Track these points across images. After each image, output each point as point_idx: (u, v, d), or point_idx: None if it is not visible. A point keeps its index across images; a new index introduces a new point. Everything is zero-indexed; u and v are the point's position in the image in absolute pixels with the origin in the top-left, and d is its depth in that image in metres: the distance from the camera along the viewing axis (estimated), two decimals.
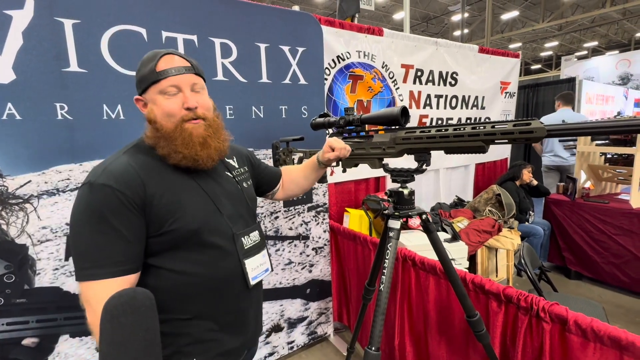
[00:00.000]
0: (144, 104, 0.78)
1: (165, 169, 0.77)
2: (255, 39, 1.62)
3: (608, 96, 6.25)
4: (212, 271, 0.78)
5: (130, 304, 0.43)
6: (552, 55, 17.37)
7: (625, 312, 2.35)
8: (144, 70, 0.76)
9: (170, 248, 0.74)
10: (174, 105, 0.75)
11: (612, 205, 2.59)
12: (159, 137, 0.76)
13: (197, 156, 0.77)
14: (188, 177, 0.79)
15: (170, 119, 0.75)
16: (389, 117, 0.90)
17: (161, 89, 0.75)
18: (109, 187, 0.68)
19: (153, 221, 0.72)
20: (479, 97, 3.15)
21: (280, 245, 1.84)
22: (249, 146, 1.67)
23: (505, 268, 2.41)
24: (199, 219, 0.76)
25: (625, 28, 13.17)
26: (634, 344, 0.86)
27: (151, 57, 0.77)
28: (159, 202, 0.72)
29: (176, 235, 0.73)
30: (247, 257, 0.83)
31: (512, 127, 0.72)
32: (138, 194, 0.70)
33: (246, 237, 0.85)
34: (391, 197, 1.00)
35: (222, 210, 0.80)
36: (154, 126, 0.76)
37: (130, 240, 0.69)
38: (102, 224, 0.67)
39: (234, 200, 0.86)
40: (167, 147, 0.75)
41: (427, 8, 11.54)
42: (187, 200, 0.76)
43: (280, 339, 1.90)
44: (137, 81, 0.78)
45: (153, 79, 0.75)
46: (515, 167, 3.04)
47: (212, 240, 0.78)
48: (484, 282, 1.20)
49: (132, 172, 0.71)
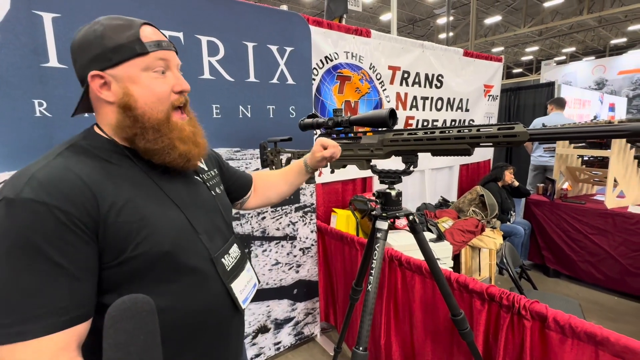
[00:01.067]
0: (104, 83, 0.58)
1: (121, 174, 0.59)
2: (242, 38, 1.60)
3: (585, 100, 6.49)
4: (189, 302, 0.61)
5: (132, 309, 0.45)
6: (533, 60, 17.91)
7: (600, 308, 2.45)
8: (118, 38, 0.57)
9: (132, 279, 0.56)
10: (165, 87, 0.61)
11: (589, 205, 2.70)
12: (143, 128, 0.59)
13: (191, 154, 0.64)
14: (151, 182, 0.62)
15: (159, 106, 0.60)
16: (377, 119, 0.91)
17: (147, 64, 0.59)
18: (41, 203, 0.49)
19: (110, 246, 0.54)
20: (464, 100, 3.22)
21: (267, 245, 1.83)
22: (236, 146, 1.66)
23: (488, 267, 2.47)
24: (171, 238, 0.59)
25: (601, 35, 13.72)
26: (608, 339, 0.90)
27: (124, 24, 0.59)
28: (117, 220, 0.54)
29: (142, 262, 0.56)
30: (232, 280, 0.69)
31: (496, 131, 0.74)
32: (86, 211, 0.52)
33: (226, 256, 0.70)
34: (379, 199, 1.01)
35: (196, 226, 0.64)
36: (130, 113, 0.59)
37: (77, 277, 0.51)
38: (32, 258, 0.48)
39: (207, 211, 0.70)
40: (160, 141, 0.60)
41: (414, 10, 11.70)
42: (155, 214, 0.59)
43: (267, 340, 1.89)
44: (103, 52, 0.57)
45: (138, 51, 0.58)
46: (498, 168, 3.13)
47: (188, 263, 0.61)
48: (468, 281, 1.23)
49: (74, 181, 0.52)
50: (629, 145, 2.59)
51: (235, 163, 1.66)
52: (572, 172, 3.05)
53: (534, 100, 5.68)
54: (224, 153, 1.62)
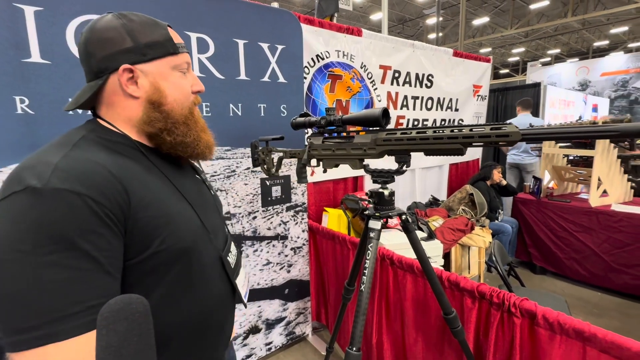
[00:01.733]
0: (131, 78, 0.58)
1: (141, 169, 0.58)
2: (233, 35, 1.58)
3: (569, 101, 6.65)
4: (203, 298, 0.63)
5: (125, 310, 0.42)
6: (519, 61, 18.26)
7: (585, 303, 2.51)
8: (154, 36, 0.59)
9: (152, 276, 0.55)
10: (187, 87, 0.65)
11: (574, 204, 2.76)
12: (174, 122, 0.62)
13: (211, 143, 0.69)
14: (166, 179, 0.62)
15: (184, 102, 0.63)
16: (370, 118, 0.90)
17: (177, 63, 0.62)
18: (75, 193, 0.46)
19: (136, 241, 0.52)
20: (453, 100, 3.25)
21: (258, 245, 1.81)
22: (226, 145, 1.63)
23: (477, 265, 2.51)
24: (191, 234, 0.60)
25: (584, 37, 14.08)
26: (596, 335, 0.92)
27: (154, 22, 0.61)
28: (145, 214, 0.53)
29: (164, 258, 0.55)
30: (236, 277, 0.72)
31: (489, 131, 0.74)
32: (118, 204, 0.50)
33: (229, 254, 0.72)
34: (372, 198, 1.00)
35: (206, 225, 0.65)
36: (159, 108, 0.60)
37: (110, 272, 0.48)
38: (64, 252, 0.44)
39: (211, 209, 0.72)
40: (189, 134, 0.63)
41: (403, 10, 11.78)
42: (176, 210, 0.59)
43: (258, 340, 1.87)
44: (137, 47, 0.58)
45: (172, 50, 0.61)
46: (486, 167, 3.17)
47: (203, 261, 0.62)
48: (459, 279, 1.24)
49: (104, 173, 0.50)
50: (612, 145, 2.66)
51: (226, 162, 1.64)
52: (558, 171, 3.11)
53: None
54: (215, 152, 1.59)
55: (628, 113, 8.97)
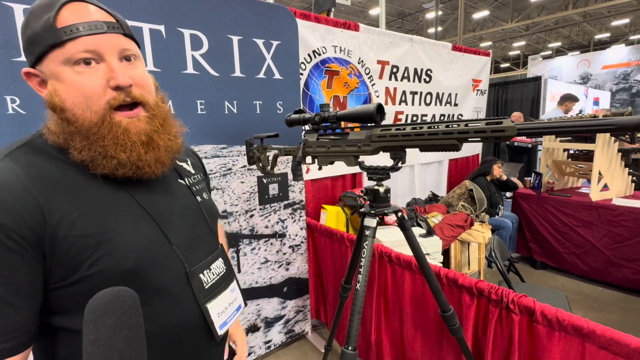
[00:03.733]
0: (41, 81, 0.51)
1: (80, 178, 0.51)
2: (227, 31, 1.56)
3: None
4: (156, 328, 0.52)
5: (114, 303, 0.42)
6: (520, 55, 18.13)
7: (585, 298, 2.50)
8: (35, 26, 0.47)
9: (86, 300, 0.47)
10: (93, 83, 0.49)
11: (574, 198, 2.74)
12: (72, 132, 0.50)
13: (140, 162, 0.53)
14: (118, 188, 0.53)
15: (91, 106, 0.49)
16: (364, 114, 0.89)
17: (68, 56, 0.47)
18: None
19: (60, 264, 0.47)
20: (452, 94, 3.22)
21: (256, 243, 1.80)
22: (222, 143, 1.62)
23: (477, 261, 2.50)
24: (138, 254, 0.51)
25: (586, 30, 13.95)
26: (595, 331, 0.91)
27: (45, 5, 0.48)
28: (69, 233, 0.47)
29: (100, 281, 0.48)
30: (209, 300, 0.60)
31: (484, 126, 0.72)
32: (27, 224, 0.44)
33: (206, 271, 0.61)
34: (367, 195, 0.99)
35: (170, 238, 0.56)
36: (61, 116, 0.50)
37: (13, 303, 0.44)
38: None
39: (189, 219, 0.62)
40: (88, 150, 0.50)
41: (402, 5, 11.68)
42: (119, 226, 0.51)
43: (257, 338, 1.87)
44: (25, 45, 0.49)
45: (52, 41, 0.47)
46: (486, 162, 3.16)
47: (157, 282, 0.53)
48: (457, 276, 1.23)
49: (16, 190, 0.45)
50: (613, 139, 2.64)
51: (221, 160, 1.62)
52: (558, 166, 3.09)
53: (521, 95, 5.76)
54: (210, 150, 1.58)
55: (629, 106, 8.91)
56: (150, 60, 1.37)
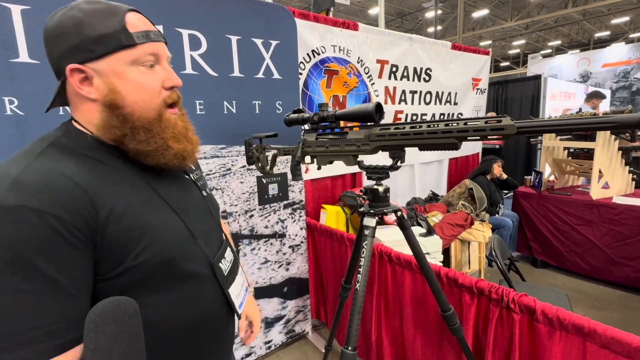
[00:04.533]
0: (84, 78, 0.52)
1: (115, 176, 0.53)
2: (226, 31, 1.56)
3: (570, 93, 6.60)
4: (188, 310, 0.58)
5: (114, 312, 0.42)
6: (520, 53, 18.11)
7: (586, 297, 2.50)
8: (103, 27, 0.51)
9: (131, 290, 0.51)
10: (154, 84, 0.55)
11: (575, 197, 2.74)
12: (133, 128, 0.54)
13: (185, 152, 0.59)
14: (146, 185, 0.57)
15: (151, 103, 0.55)
16: (363, 113, 0.88)
17: (135, 57, 0.52)
18: (33, 210, 0.42)
19: (108, 256, 0.49)
20: (452, 93, 3.22)
21: (255, 244, 1.80)
22: (221, 143, 1.62)
23: (477, 260, 2.49)
24: (174, 245, 0.56)
25: (585, 28, 13.93)
26: (596, 330, 0.91)
27: (107, 9, 0.52)
28: (117, 226, 0.49)
29: (142, 271, 0.51)
30: (229, 285, 0.66)
31: (483, 124, 0.72)
32: (83, 218, 0.46)
33: (223, 260, 0.67)
34: (366, 195, 0.99)
35: (193, 231, 0.60)
36: (117, 112, 0.53)
37: (72, 294, 0.45)
38: (21, 276, 0.41)
39: (201, 213, 0.66)
40: (152, 142, 0.55)
41: (402, 4, 11.67)
42: (155, 219, 0.54)
43: (257, 339, 1.87)
44: (83, 42, 0.50)
45: (126, 42, 0.51)
46: (487, 161, 3.15)
47: (188, 270, 0.58)
48: (458, 275, 1.23)
49: (67, 185, 0.46)
50: (613, 137, 2.63)
51: (221, 160, 1.62)
52: (559, 164, 3.09)
53: (521, 93, 5.74)
54: (209, 150, 1.58)
55: (629, 104, 8.90)
56: None
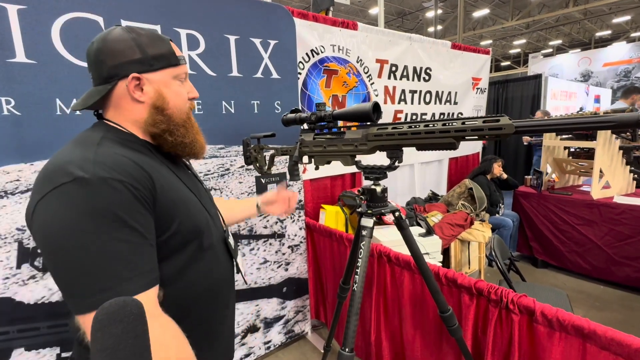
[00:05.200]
0: (137, 85, 0.67)
1: (153, 162, 0.67)
2: (224, 31, 1.55)
3: (571, 92, 6.58)
4: (210, 275, 0.73)
5: (120, 313, 0.44)
6: (520, 53, 18.07)
7: (587, 297, 2.49)
8: (160, 49, 0.68)
9: (171, 254, 0.65)
10: (184, 95, 0.73)
11: (575, 196, 2.73)
12: (175, 125, 0.70)
13: (204, 144, 0.78)
14: (171, 172, 0.71)
15: (182, 108, 0.72)
16: (360, 113, 0.87)
17: (177, 73, 0.71)
18: (118, 181, 0.55)
19: (161, 220, 0.62)
20: (452, 93, 3.21)
21: (254, 244, 1.79)
22: (219, 143, 1.61)
23: (477, 260, 2.48)
24: (202, 217, 0.71)
25: (586, 28, 13.89)
26: (595, 332, 0.90)
27: (159, 37, 0.70)
28: (166, 198, 0.63)
29: (181, 237, 0.65)
30: (236, 256, 0.84)
31: (481, 124, 0.71)
32: (148, 188, 0.59)
33: (229, 237, 0.83)
34: (364, 195, 0.98)
35: (209, 211, 0.76)
36: (162, 112, 0.69)
37: (152, 244, 0.59)
38: (119, 229, 0.54)
39: (207, 199, 0.82)
40: (187, 135, 0.72)
41: (402, 4, 11.65)
42: (185, 196, 0.69)
43: (257, 339, 1.86)
44: (146, 58, 0.66)
45: (174, 62, 0.70)
46: (487, 161, 3.14)
47: (209, 241, 0.72)
48: (457, 276, 1.22)
49: (132, 164, 0.59)
50: (614, 137, 2.62)
51: (219, 160, 1.62)
52: (559, 164, 3.07)
53: (522, 93, 5.73)
54: (208, 150, 1.57)
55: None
56: None
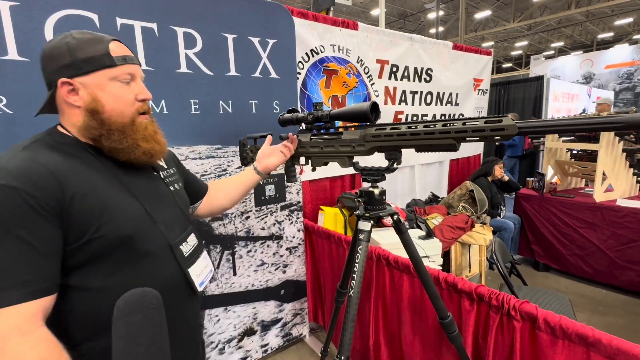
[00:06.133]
0: (71, 90, 0.66)
1: (84, 167, 0.66)
2: (221, 29, 1.53)
3: (573, 94, 6.54)
4: (147, 284, 0.64)
5: (140, 303, 0.48)
6: (522, 54, 18.03)
7: (589, 301, 2.45)
8: (91, 51, 0.66)
9: (94, 261, 0.63)
10: (129, 97, 0.70)
11: (578, 199, 2.69)
12: (109, 130, 0.67)
13: (153, 151, 0.73)
14: (111, 176, 0.69)
15: (125, 111, 0.69)
16: (358, 113, 0.85)
17: (115, 75, 0.68)
18: (10, 187, 0.55)
19: (73, 228, 0.60)
20: (453, 94, 3.18)
21: (252, 246, 1.77)
22: (217, 143, 1.59)
23: (478, 263, 2.45)
24: (131, 224, 0.67)
25: (588, 30, 13.85)
26: (600, 340, 0.87)
27: (95, 39, 0.68)
28: (81, 205, 0.61)
29: (103, 244, 0.63)
30: (190, 265, 0.77)
31: (483, 124, 0.69)
32: (52, 196, 0.58)
33: (184, 244, 0.78)
34: (361, 198, 0.95)
35: (154, 217, 0.72)
36: (97, 117, 0.66)
37: (42, 253, 0.57)
38: (1, 236, 0.54)
39: (166, 204, 0.78)
40: (125, 141, 0.69)
41: (404, 5, 11.63)
42: (115, 202, 0.66)
43: (254, 342, 1.84)
44: (74, 62, 0.65)
45: (107, 63, 0.67)
46: (488, 163, 3.11)
47: (146, 248, 0.69)
48: (457, 280, 1.19)
49: (40, 170, 0.59)
50: (617, 139, 2.59)
51: (216, 161, 1.59)
52: (561, 166, 3.04)
53: (524, 95, 5.69)
54: (204, 150, 1.55)
55: (633, 105, 8.82)
56: (142, 59, 1.34)
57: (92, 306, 0.63)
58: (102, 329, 0.61)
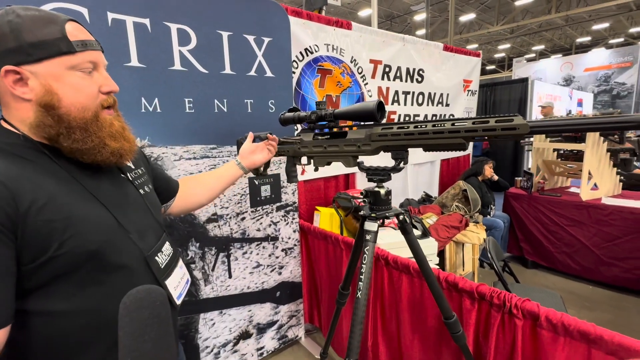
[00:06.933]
0: (19, 79, 0.54)
1: (39, 172, 0.55)
2: (216, 27, 1.49)
3: (556, 95, 6.74)
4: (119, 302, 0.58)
5: (146, 299, 0.48)
6: (505, 57, 18.48)
7: (577, 297, 2.52)
8: (41, 34, 0.54)
9: (57, 280, 0.54)
10: (92, 88, 0.59)
11: (564, 198, 2.76)
12: (69, 127, 0.57)
13: (122, 150, 0.63)
14: (73, 180, 0.59)
15: (88, 105, 0.59)
16: (364, 112, 0.84)
17: (74, 63, 0.56)
18: None
19: (29, 246, 0.51)
20: (444, 95, 3.22)
21: (247, 247, 1.73)
22: (211, 143, 1.55)
23: (471, 261, 2.48)
24: (99, 237, 0.58)
25: (567, 34, 14.32)
26: (602, 337, 0.88)
27: (46, 17, 0.55)
28: (38, 219, 0.51)
29: (68, 261, 0.54)
30: (166, 277, 0.69)
31: (494, 124, 0.68)
32: (4, 211, 0.49)
33: (159, 254, 0.69)
34: (367, 198, 0.94)
35: (125, 225, 0.62)
36: (53, 113, 0.56)
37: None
38: None
39: (136, 209, 0.68)
40: (89, 140, 0.58)
41: (391, 7, 11.74)
42: (81, 213, 0.56)
43: (249, 345, 1.80)
44: (21, 46, 0.53)
45: (64, 49, 0.55)
46: (478, 163, 3.16)
47: (117, 262, 0.60)
48: (458, 280, 1.19)
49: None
50: (602, 139, 2.67)
51: (211, 161, 1.55)
52: (549, 166, 3.12)
53: (509, 96, 5.82)
54: (199, 150, 1.51)
55: (610, 107, 9.17)
56: (134, 55, 1.29)
57: (59, 330, 0.54)
58: (71, 354, 0.55)
